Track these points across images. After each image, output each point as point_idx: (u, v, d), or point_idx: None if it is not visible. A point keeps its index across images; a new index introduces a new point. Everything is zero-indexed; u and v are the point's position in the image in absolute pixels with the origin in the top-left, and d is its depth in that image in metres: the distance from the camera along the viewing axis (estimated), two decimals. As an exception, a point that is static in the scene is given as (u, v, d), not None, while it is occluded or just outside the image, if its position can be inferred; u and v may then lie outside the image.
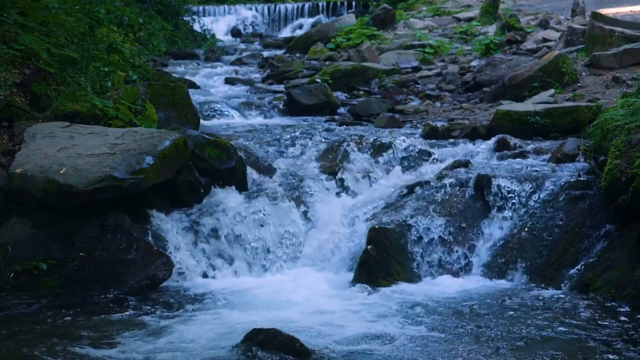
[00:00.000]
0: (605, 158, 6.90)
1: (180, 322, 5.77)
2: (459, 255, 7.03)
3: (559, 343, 5.26)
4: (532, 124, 9.16)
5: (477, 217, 7.24)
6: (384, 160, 8.42)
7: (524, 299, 6.25)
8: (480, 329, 5.55)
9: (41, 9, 8.68)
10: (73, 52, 8.62)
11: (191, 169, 7.47)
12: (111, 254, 6.53)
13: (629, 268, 6.21)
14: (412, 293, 6.48)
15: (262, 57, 19.04)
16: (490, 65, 13.02)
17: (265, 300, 6.32)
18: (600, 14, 13.79)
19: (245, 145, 8.65)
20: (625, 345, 5.20)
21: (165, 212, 7.24)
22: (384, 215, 7.36)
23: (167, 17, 22.10)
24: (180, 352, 5.15)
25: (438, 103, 12.11)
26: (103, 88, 8.91)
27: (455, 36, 18.77)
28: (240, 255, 7.21)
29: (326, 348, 5.16)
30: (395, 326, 5.62)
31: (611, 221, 6.67)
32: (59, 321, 5.74)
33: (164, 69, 16.66)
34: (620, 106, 7.23)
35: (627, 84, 10.64)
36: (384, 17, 21.43)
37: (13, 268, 6.34)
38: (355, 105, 11.72)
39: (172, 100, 9.22)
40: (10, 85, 7.82)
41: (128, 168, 6.65)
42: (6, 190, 6.73)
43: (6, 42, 8.05)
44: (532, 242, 6.90)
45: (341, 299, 6.36)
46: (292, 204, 7.64)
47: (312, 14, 27.57)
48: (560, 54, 11.82)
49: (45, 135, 7.26)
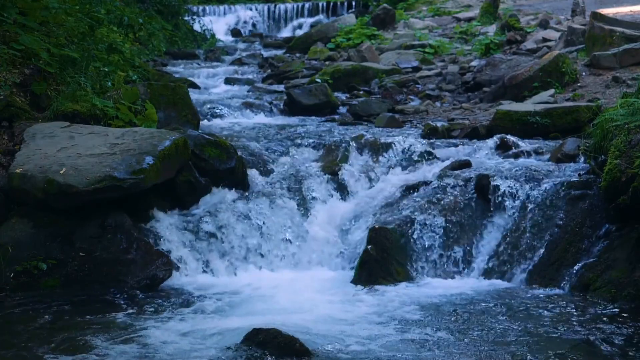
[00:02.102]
0: (605, 158, 6.90)
1: (180, 322, 5.76)
2: (459, 255, 7.03)
3: (559, 343, 5.25)
4: (532, 124, 9.17)
5: (477, 217, 7.24)
6: (384, 160, 8.41)
7: (523, 299, 6.25)
8: (480, 329, 5.55)
9: (41, 9, 8.68)
10: (73, 52, 8.62)
11: (191, 169, 7.47)
12: (111, 254, 6.53)
13: (629, 268, 6.21)
14: (412, 293, 6.48)
15: (262, 57, 19.04)
16: (490, 65, 13.03)
17: (266, 300, 6.32)
18: (600, 14, 13.80)
19: (246, 145, 8.65)
20: (626, 345, 5.20)
21: (165, 212, 7.24)
22: (384, 215, 7.36)
23: (167, 17, 22.10)
24: (180, 352, 5.15)
25: (438, 103, 12.11)
26: (103, 88, 8.92)
27: (455, 36, 18.77)
28: (241, 255, 7.21)
29: (326, 348, 5.16)
30: (395, 326, 5.62)
31: (611, 221, 6.67)
32: (59, 321, 5.74)
33: (164, 69, 16.66)
34: (620, 106, 7.23)
35: (627, 84, 10.64)
36: (384, 17, 21.43)
37: (13, 268, 6.34)
38: (355, 105, 11.72)
39: (172, 100, 9.22)
40: (10, 85, 7.82)
41: (128, 168, 6.65)
42: (6, 190, 6.73)
43: (6, 42, 8.06)
44: (532, 242, 6.90)
45: (341, 299, 6.36)
46: (292, 204, 7.64)
47: (312, 14, 27.56)
48: (560, 54, 11.83)
49: (45, 135, 7.27)
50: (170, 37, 21.25)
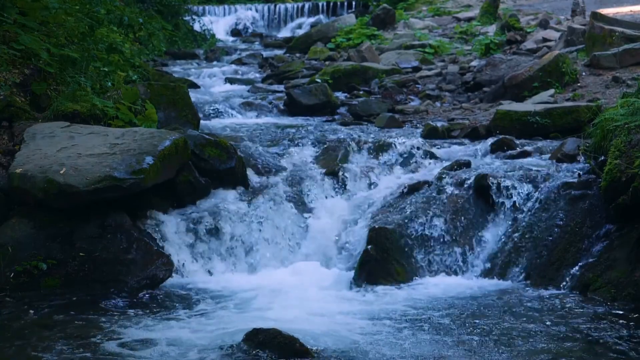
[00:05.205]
0: (605, 158, 6.90)
1: (180, 322, 5.77)
2: (458, 255, 7.03)
3: (558, 343, 5.26)
4: (532, 124, 9.17)
5: (477, 217, 7.24)
6: (384, 160, 8.42)
7: (523, 299, 6.25)
8: (480, 329, 5.55)
9: (41, 9, 8.68)
10: (73, 52, 8.62)
11: (191, 169, 7.47)
12: (111, 254, 6.53)
13: (629, 268, 6.21)
14: (412, 293, 6.49)
15: (262, 57, 19.03)
16: (490, 65, 13.02)
17: (265, 300, 6.32)
18: (600, 14, 13.80)
19: (245, 145, 8.65)
20: (625, 345, 5.20)
21: (165, 212, 7.24)
22: (384, 215, 7.36)
23: (167, 17, 22.10)
24: (180, 351, 5.16)
25: (438, 103, 12.11)
26: (103, 88, 8.91)
27: (455, 36, 18.76)
28: (240, 255, 7.21)
29: (326, 348, 5.16)
30: (395, 326, 5.62)
31: (611, 221, 6.67)
32: (59, 321, 5.73)
33: (164, 69, 16.66)
34: (620, 106, 7.23)
35: (627, 84, 10.64)
36: (384, 17, 21.42)
37: (13, 268, 6.34)
38: (355, 105, 11.72)
39: (172, 100, 9.22)
40: (10, 85, 7.82)
41: (128, 168, 6.64)
42: (6, 190, 6.73)
43: (6, 42, 8.05)
44: (532, 242, 6.90)
45: (341, 299, 6.36)
46: (292, 204, 7.64)
47: (312, 14, 27.56)
48: (560, 54, 11.82)
49: (45, 135, 7.26)
50: (170, 37, 21.25)
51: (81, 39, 9.29)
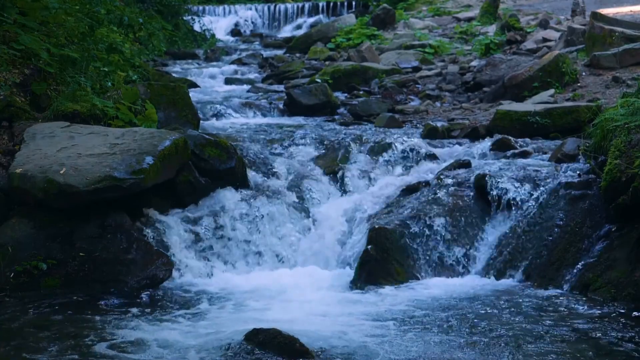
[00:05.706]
0: (605, 158, 6.90)
1: (180, 322, 5.77)
2: (459, 255, 7.03)
3: (558, 343, 5.25)
4: (532, 124, 9.17)
5: (477, 217, 7.24)
6: (384, 160, 8.42)
7: (523, 298, 6.25)
8: (480, 329, 5.55)
9: (41, 9, 8.68)
10: (73, 52, 8.62)
11: (191, 169, 7.47)
12: (111, 254, 6.53)
13: (629, 268, 6.21)
14: (412, 293, 6.48)
15: (262, 57, 19.04)
16: (490, 65, 13.03)
17: (265, 300, 6.32)
18: (600, 14, 13.81)
19: (246, 145, 8.65)
20: (626, 345, 5.20)
21: (165, 212, 7.24)
22: (384, 215, 7.36)
23: (167, 17, 22.11)
24: (180, 351, 5.16)
25: (438, 103, 12.11)
26: (103, 88, 8.92)
27: (455, 36, 18.77)
28: (240, 255, 7.21)
29: (326, 348, 5.16)
30: (395, 326, 5.62)
31: (611, 221, 6.67)
32: (59, 321, 5.73)
33: (164, 69, 16.66)
34: (620, 106, 7.23)
35: (627, 84, 10.65)
36: (384, 17, 21.43)
37: (13, 268, 6.34)
38: (355, 105, 11.72)
39: (172, 100, 9.22)
40: (10, 85, 7.82)
41: (128, 168, 6.64)
42: (6, 190, 6.73)
43: (6, 42, 8.05)
44: (532, 242, 6.90)
45: (341, 299, 6.36)
46: (292, 204, 7.64)
47: (312, 14, 27.57)
48: (560, 54, 11.83)
49: (45, 135, 7.26)
50: (170, 37, 21.25)
51: (81, 39, 9.30)
